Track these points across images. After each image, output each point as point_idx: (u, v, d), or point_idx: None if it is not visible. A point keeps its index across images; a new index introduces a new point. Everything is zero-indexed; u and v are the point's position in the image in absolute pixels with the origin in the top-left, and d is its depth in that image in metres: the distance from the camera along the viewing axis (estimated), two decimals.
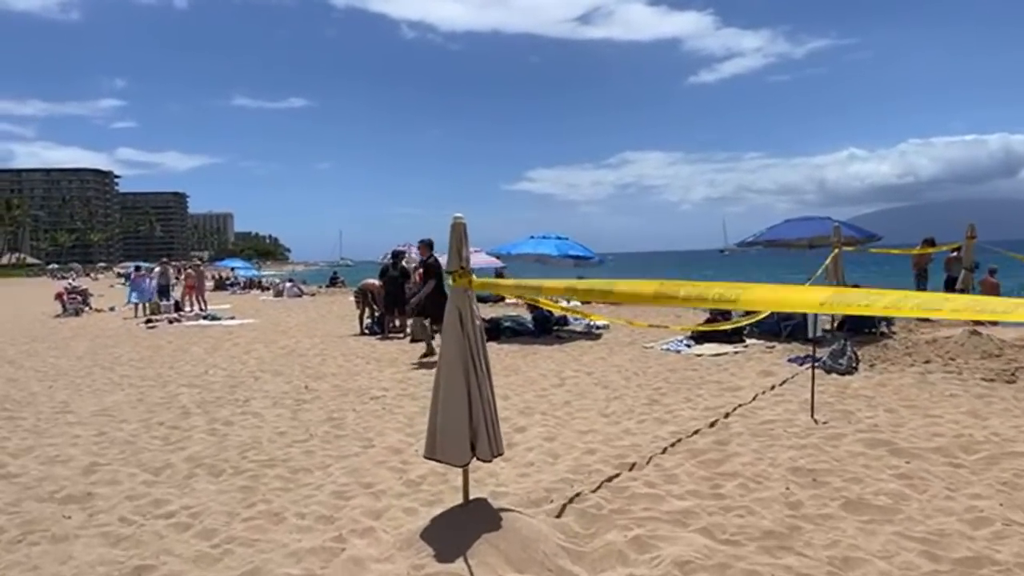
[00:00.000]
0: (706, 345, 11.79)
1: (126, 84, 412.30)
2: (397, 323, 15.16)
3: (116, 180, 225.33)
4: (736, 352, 11.15)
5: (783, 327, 12.27)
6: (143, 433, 7.04)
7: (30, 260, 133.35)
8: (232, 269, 39.66)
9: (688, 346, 11.70)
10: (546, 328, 13.90)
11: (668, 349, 11.67)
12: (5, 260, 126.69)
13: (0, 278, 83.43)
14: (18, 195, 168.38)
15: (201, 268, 28.07)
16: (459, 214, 4.09)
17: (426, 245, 11.82)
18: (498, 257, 14.56)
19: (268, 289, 33.60)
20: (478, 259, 16.12)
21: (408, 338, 14.05)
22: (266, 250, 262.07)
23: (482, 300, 22.17)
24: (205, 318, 20.16)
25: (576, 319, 15.93)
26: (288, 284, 30.44)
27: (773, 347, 11.62)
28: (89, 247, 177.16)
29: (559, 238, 13.79)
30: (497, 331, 13.73)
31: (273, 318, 20.41)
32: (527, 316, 16.70)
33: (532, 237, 13.91)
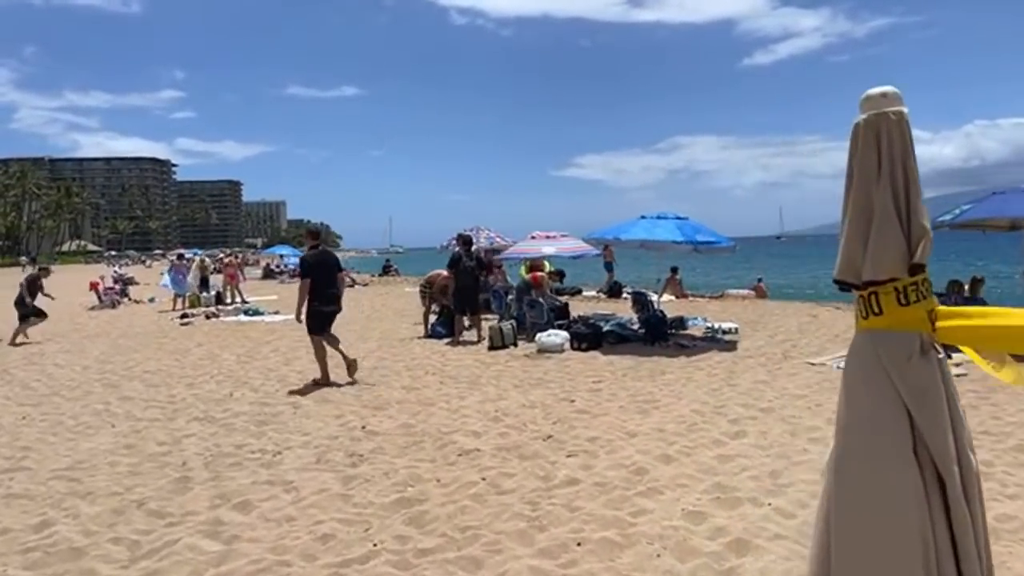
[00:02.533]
0: None
1: (185, 75, 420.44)
2: (467, 323, 12.40)
3: (174, 169, 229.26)
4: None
5: None
6: (103, 530, 4.35)
7: (91, 247, 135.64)
8: (280, 256, 37.55)
9: None
10: (660, 333, 10.94)
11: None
12: (66, 247, 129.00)
13: (60, 264, 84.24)
14: (79, 183, 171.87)
15: (239, 258, 25.89)
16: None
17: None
18: (596, 244, 11.66)
19: None
20: (563, 246, 13.22)
21: (485, 343, 11.27)
22: None
23: (559, 293, 19.31)
24: (246, 312, 17.76)
25: (695, 320, 12.93)
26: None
27: None
28: (147, 234, 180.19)
29: (679, 218, 10.82)
30: (599, 338, 10.83)
31: None
32: (623, 314, 13.76)
33: (644, 218, 10.97)
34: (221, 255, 38.49)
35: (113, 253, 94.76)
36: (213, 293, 21.49)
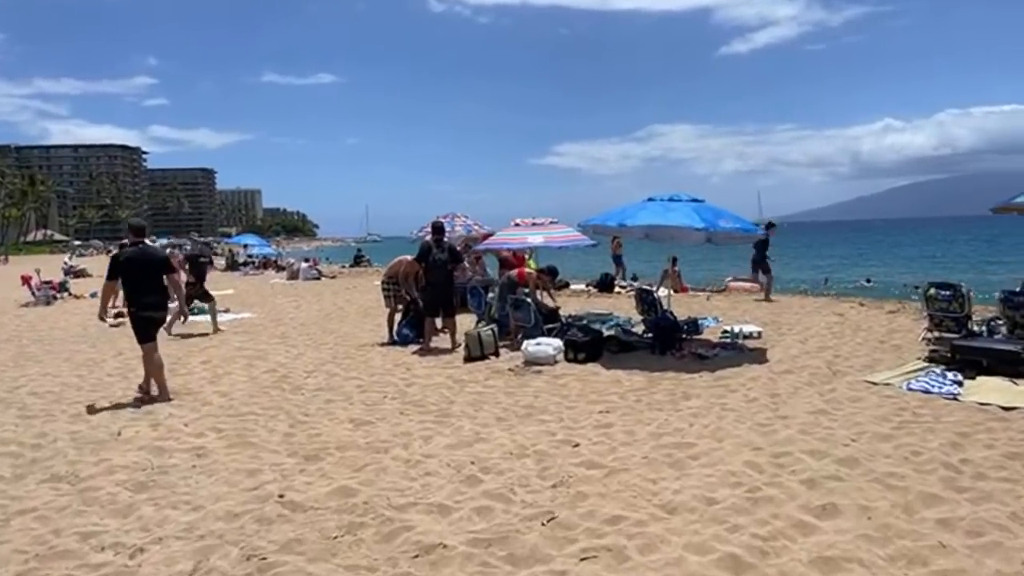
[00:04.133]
0: (985, 380, 6.84)
1: (158, 62, 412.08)
2: (440, 326, 10.42)
3: (144, 156, 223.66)
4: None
5: None
6: None
7: (58, 236, 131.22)
8: (244, 246, 35.13)
9: (957, 383, 6.74)
10: (672, 341, 9.01)
11: (919, 390, 6.72)
12: (32, 237, 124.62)
13: (24, 255, 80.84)
14: (46, 172, 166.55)
15: (202, 246, 23.66)
16: None
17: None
18: (601, 231, 9.69)
19: (284, 270, 29.03)
20: (552, 235, 11.25)
21: (461, 351, 9.28)
22: (294, 226, 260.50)
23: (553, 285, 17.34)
24: (191, 311, 15.56)
25: (706, 320, 11.05)
26: (304, 265, 25.84)
27: None
28: (117, 223, 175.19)
29: (694, 200, 8.89)
30: (598, 346, 8.89)
31: (277, 310, 15.79)
32: (619, 313, 11.83)
33: (652, 199, 9.02)
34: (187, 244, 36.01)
35: (77, 243, 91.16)
36: None
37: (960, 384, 6.71)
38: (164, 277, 7.51)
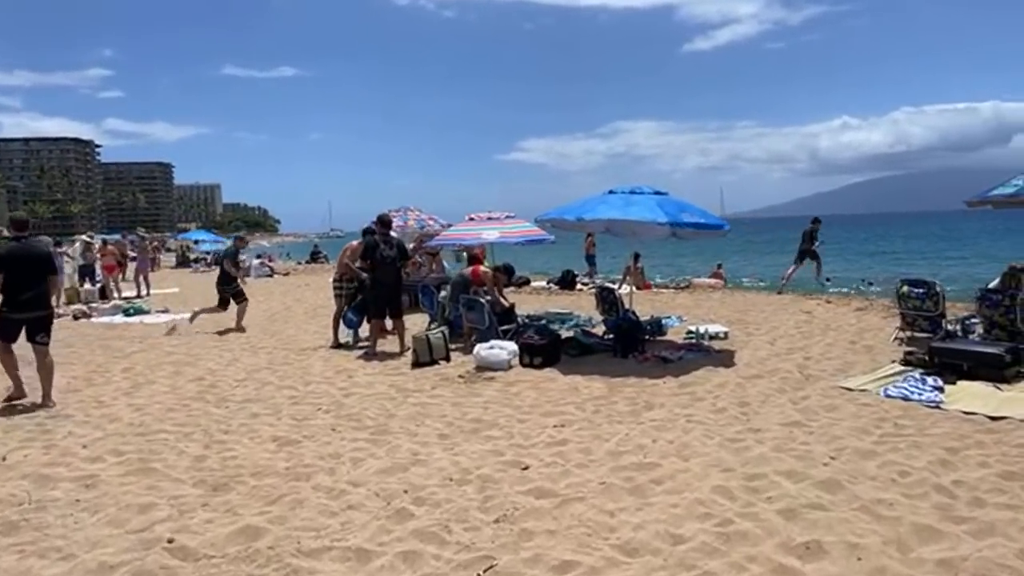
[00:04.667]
0: (967, 386, 6.38)
1: (114, 53, 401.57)
2: (389, 328, 9.72)
3: (98, 150, 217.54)
4: None
5: None
6: None
7: (6, 233, 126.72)
8: (195, 242, 33.80)
9: (938, 388, 6.26)
10: (634, 343, 8.44)
11: (898, 397, 6.23)
12: None
13: None
14: None
15: (147, 243, 22.59)
16: None
17: None
18: (559, 225, 9.02)
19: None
20: (508, 230, 10.60)
21: (409, 355, 8.59)
22: (255, 221, 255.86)
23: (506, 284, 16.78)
24: (127, 312, 14.62)
25: (670, 319, 10.53)
26: (256, 262, 24.81)
27: None
28: (70, 219, 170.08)
29: (657, 193, 8.31)
30: (556, 349, 8.27)
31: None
32: (580, 312, 11.25)
33: (613, 192, 8.42)
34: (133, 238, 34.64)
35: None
36: (98, 286, 18.26)
37: (941, 390, 6.24)
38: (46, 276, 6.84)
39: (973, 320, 8.64)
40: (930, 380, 6.42)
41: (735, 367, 7.77)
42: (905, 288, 8.72)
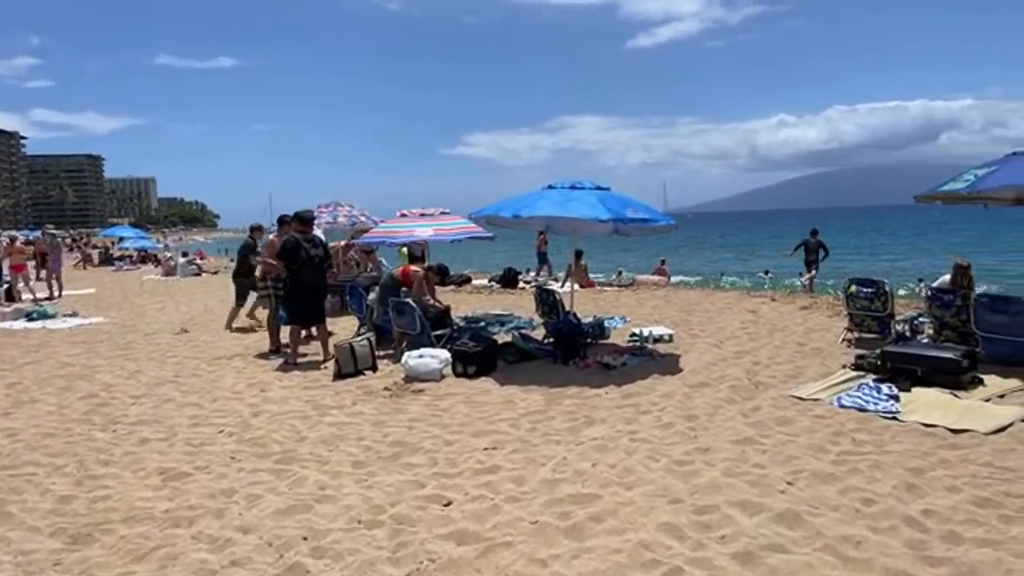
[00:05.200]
0: (923, 393, 6.02)
1: (42, 41, 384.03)
2: (314, 334, 8.98)
3: (23, 141, 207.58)
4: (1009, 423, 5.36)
5: None
6: None
7: None
8: (120, 239, 32.02)
9: (894, 397, 5.88)
10: (576, 348, 7.90)
11: (852, 407, 5.82)
12: None
13: None
14: None
15: (58, 240, 21.15)
16: None
17: None
18: (495, 222, 8.40)
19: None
20: (442, 227, 9.94)
21: (331, 365, 7.86)
22: (192, 216, 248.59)
23: (440, 284, 16.13)
24: (29, 317, 13.42)
25: (613, 320, 10.05)
26: (182, 260, 23.51)
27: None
28: None
29: (599, 188, 7.79)
30: (492, 356, 7.68)
31: (136, 314, 13.80)
32: (521, 314, 10.70)
33: (552, 188, 7.86)
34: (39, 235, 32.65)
35: None
36: (3, 287, 16.89)
37: (896, 399, 5.86)
38: None
39: (921, 320, 8.40)
40: (884, 388, 6.04)
41: (681, 374, 7.30)
42: (853, 288, 8.41)
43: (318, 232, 10.48)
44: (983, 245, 42.29)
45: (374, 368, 7.85)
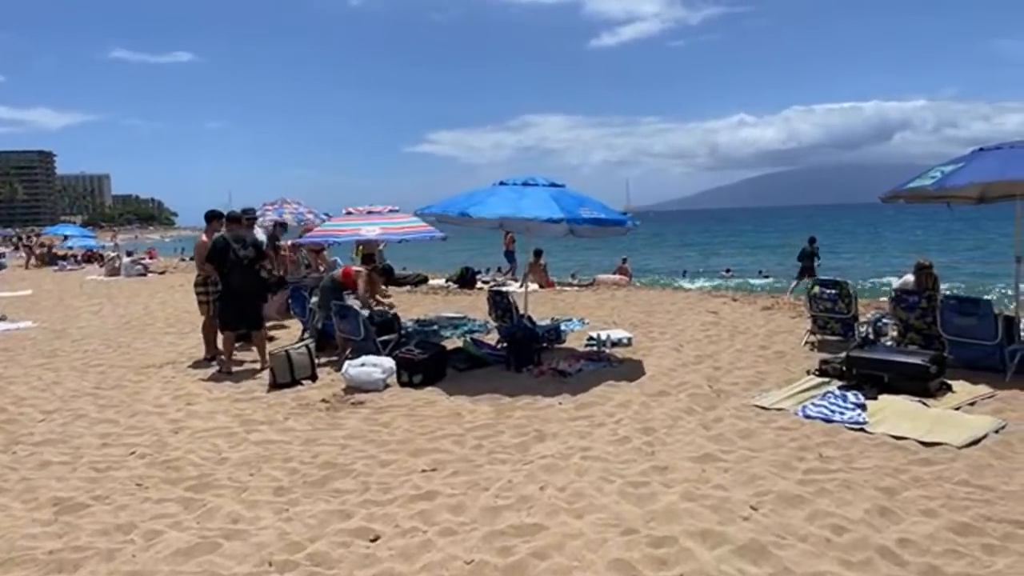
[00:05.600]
0: (890, 401, 5.71)
1: None
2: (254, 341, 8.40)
3: None
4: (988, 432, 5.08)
5: (1010, 353, 6.36)
6: None
7: None
8: (64, 237, 30.71)
9: (860, 406, 5.56)
10: (529, 354, 7.47)
11: (818, 417, 5.49)
12: None
13: None
14: None
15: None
16: None
17: None
18: (445, 220, 7.87)
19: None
20: (391, 226, 9.42)
21: (266, 373, 7.29)
22: (148, 214, 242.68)
23: (395, 283, 15.65)
24: None
25: (570, 323, 9.67)
26: (127, 259, 22.51)
27: (994, 395, 5.80)
28: None
29: (553, 185, 7.37)
30: (441, 364, 7.21)
31: (69, 318, 12.99)
32: (477, 316, 10.26)
33: (504, 184, 7.41)
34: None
35: None
36: None
37: (863, 408, 5.55)
38: None
39: (885, 321, 8.15)
40: (851, 396, 5.72)
41: (639, 381, 6.92)
42: (816, 289, 8.13)
43: (259, 231, 9.93)
44: (938, 244, 43.11)
45: (313, 377, 7.32)
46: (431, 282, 16.72)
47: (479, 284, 16.02)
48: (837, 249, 47.18)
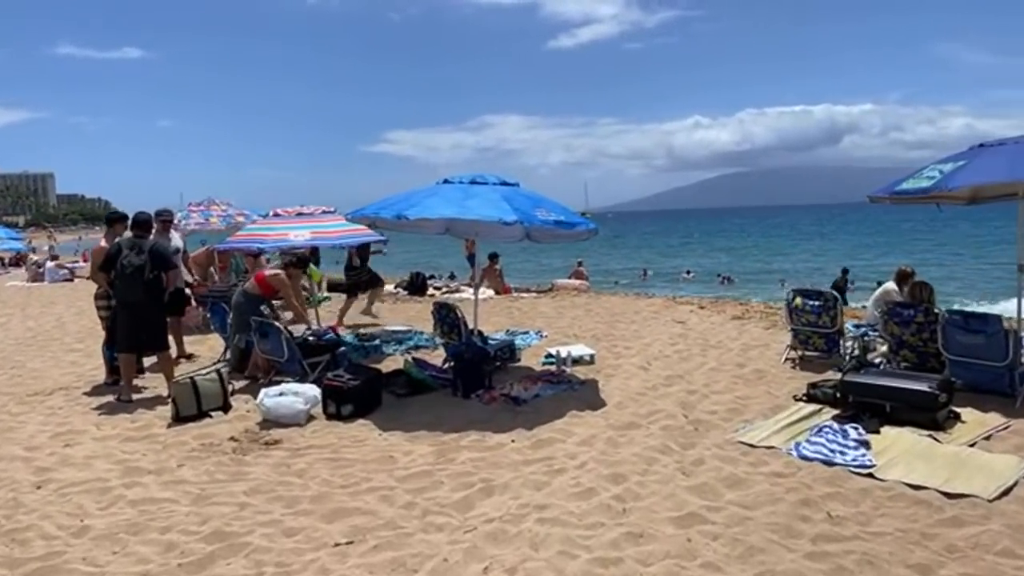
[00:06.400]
0: (896, 436, 4.90)
1: None
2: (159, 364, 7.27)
3: None
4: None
5: (1020, 376, 5.62)
6: None
7: None
8: None
9: (863, 443, 4.73)
10: (478, 379, 6.51)
11: (817, 459, 4.65)
12: None
13: None
14: None
15: None
16: None
17: None
18: (382, 224, 6.83)
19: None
20: (322, 229, 8.33)
21: (169, 403, 6.19)
22: (95, 214, 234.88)
23: (333, 288, 14.52)
24: None
25: (527, 337, 8.78)
26: (50, 264, 20.87)
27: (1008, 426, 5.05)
28: None
29: (505, 184, 6.42)
30: (375, 391, 6.21)
31: None
32: (429, 331, 9.27)
33: (448, 182, 6.45)
34: None
35: None
36: None
37: (866, 445, 4.73)
38: None
39: (872, 335, 7.42)
40: (851, 431, 4.89)
41: (604, 409, 6.02)
42: (798, 300, 7.34)
43: (175, 236, 8.79)
44: (901, 245, 43.44)
45: (225, 408, 6.25)
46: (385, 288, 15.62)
47: (430, 290, 14.99)
48: (795, 249, 47.31)
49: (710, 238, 64.81)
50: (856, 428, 4.96)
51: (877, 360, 6.82)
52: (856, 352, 7.28)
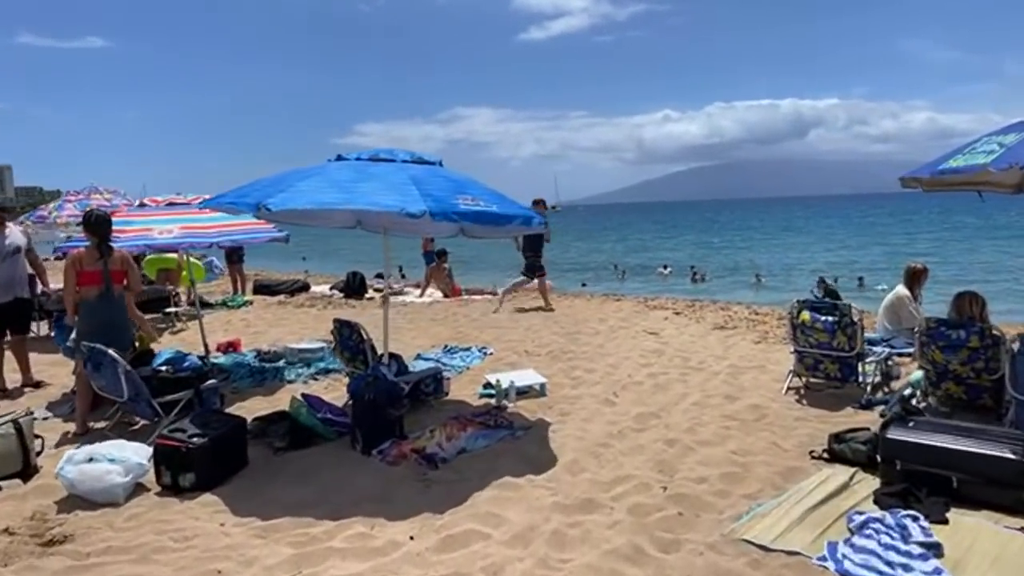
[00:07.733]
0: (968, 528, 3.30)
1: None
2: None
3: None
4: None
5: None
6: None
7: None
8: None
9: (932, 547, 3.13)
10: (385, 428, 4.80)
11: (846, 571, 3.03)
12: None
13: None
14: None
15: None
16: None
17: None
18: (262, 215, 5.09)
19: None
20: (195, 224, 6.50)
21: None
22: None
23: (267, 292, 12.79)
24: None
25: (472, 355, 7.14)
26: None
27: None
28: None
29: (421, 162, 4.75)
30: (237, 447, 4.48)
31: None
32: (333, 361, 7.43)
33: (341, 158, 4.75)
34: None
35: None
36: None
37: (939, 551, 3.13)
38: None
39: (894, 359, 5.87)
40: (913, 527, 3.29)
41: (552, 471, 4.36)
42: (806, 315, 5.72)
43: (16, 232, 6.97)
44: (878, 237, 42.49)
45: (24, 474, 4.48)
46: (313, 289, 13.83)
47: (370, 292, 13.22)
48: (772, 240, 46.16)
49: (680, 232, 63.65)
50: (917, 520, 3.35)
51: (907, 392, 5.25)
52: (878, 378, 5.72)
